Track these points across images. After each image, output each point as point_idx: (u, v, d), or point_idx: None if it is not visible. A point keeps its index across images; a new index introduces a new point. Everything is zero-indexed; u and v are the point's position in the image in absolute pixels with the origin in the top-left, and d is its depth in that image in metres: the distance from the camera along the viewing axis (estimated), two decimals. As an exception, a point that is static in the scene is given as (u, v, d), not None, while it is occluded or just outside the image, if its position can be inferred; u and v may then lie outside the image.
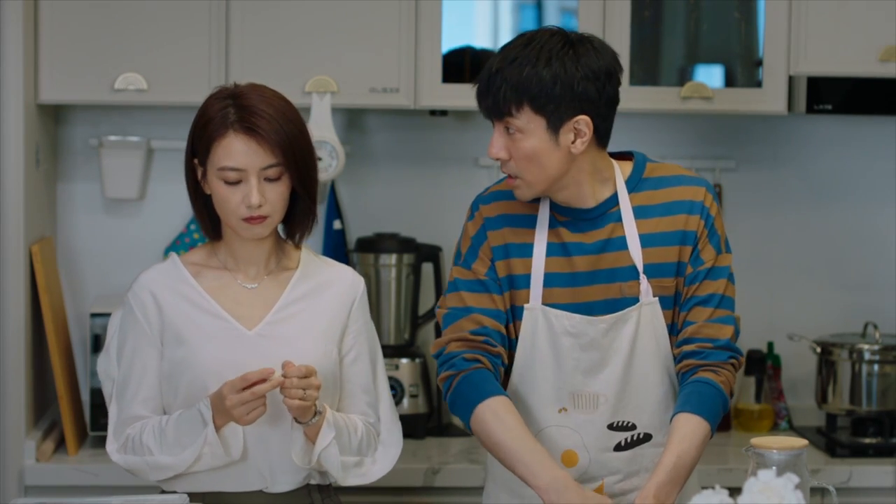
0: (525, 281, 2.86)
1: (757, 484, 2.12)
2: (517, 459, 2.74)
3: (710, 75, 4.07)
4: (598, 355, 2.84)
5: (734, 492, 2.16)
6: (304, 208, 2.92)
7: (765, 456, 2.62)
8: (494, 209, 2.91)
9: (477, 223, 2.92)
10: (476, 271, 2.88)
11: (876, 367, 3.98)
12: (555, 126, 2.75)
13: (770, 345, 4.21)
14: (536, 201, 2.88)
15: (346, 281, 2.98)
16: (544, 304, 2.85)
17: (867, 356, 3.99)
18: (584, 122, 2.76)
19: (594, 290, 2.84)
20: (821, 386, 4.06)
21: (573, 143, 2.77)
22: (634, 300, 2.84)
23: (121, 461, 2.88)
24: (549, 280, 2.85)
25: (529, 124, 2.75)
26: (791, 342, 4.14)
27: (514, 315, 2.88)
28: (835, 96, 3.89)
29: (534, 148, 2.77)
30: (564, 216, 2.86)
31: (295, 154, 2.84)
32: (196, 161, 2.85)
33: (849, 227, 4.27)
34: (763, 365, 4.17)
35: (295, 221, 2.93)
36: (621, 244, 2.84)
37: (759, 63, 3.95)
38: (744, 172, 4.24)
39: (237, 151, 2.79)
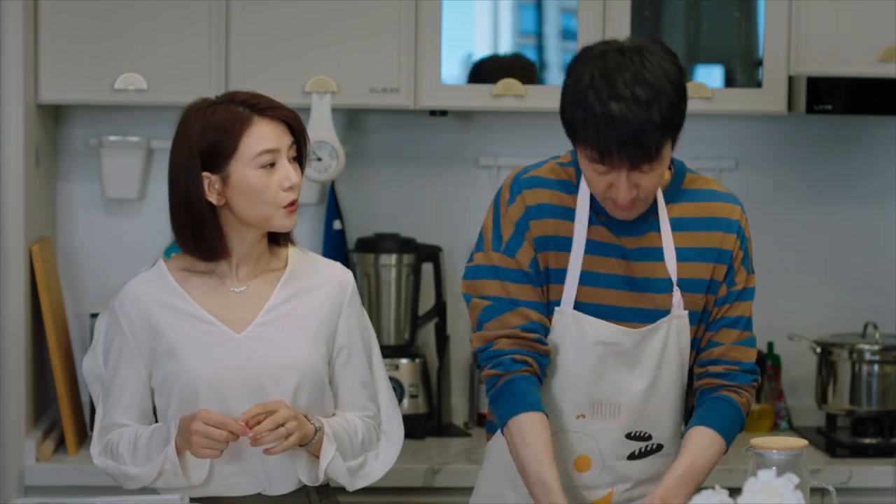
0: (559, 276, 2.80)
1: (757, 484, 2.12)
2: (530, 480, 2.73)
3: (710, 75, 4.07)
4: (628, 365, 2.81)
5: (734, 492, 2.16)
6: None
7: (765, 456, 2.62)
8: (537, 196, 2.81)
9: (520, 208, 2.81)
10: (520, 262, 2.79)
11: (876, 367, 3.98)
12: (675, 139, 2.70)
13: (770, 345, 4.21)
14: (575, 193, 2.80)
15: (335, 279, 2.95)
16: (578, 301, 2.79)
17: (867, 356, 3.99)
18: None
19: (629, 296, 2.80)
20: (821, 386, 4.06)
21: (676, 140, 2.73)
22: (666, 312, 2.81)
23: (100, 464, 2.91)
24: (586, 278, 2.79)
25: (666, 151, 2.68)
26: (791, 342, 4.13)
27: (548, 310, 2.83)
28: (835, 96, 3.88)
29: (664, 170, 2.72)
30: (604, 216, 2.80)
31: (303, 138, 2.88)
32: (207, 174, 2.79)
33: (849, 227, 4.27)
34: (763, 365, 4.17)
35: None
36: (658, 255, 2.80)
37: (759, 63, 3.95)
38: (744, 172, 4.24)
39: (268, 135, 2.80)
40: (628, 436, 2.84)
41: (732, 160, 4.24)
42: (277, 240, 2.93)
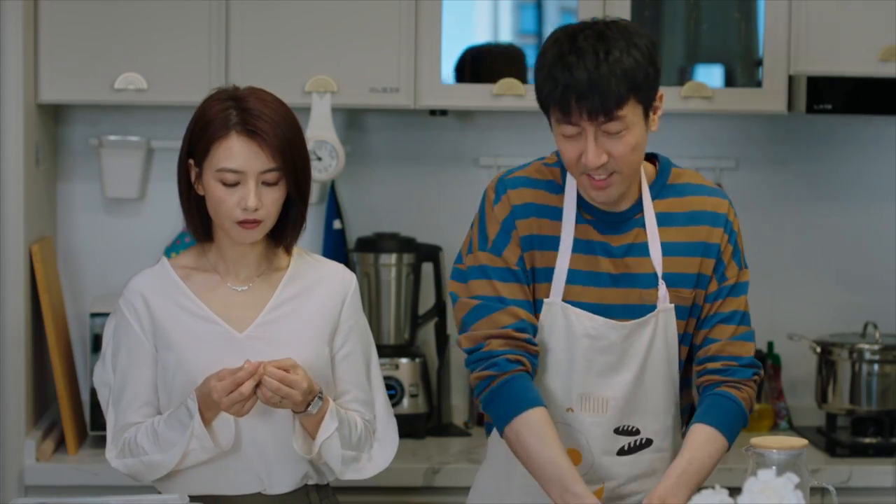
0: (545, 275, 2.80)
1: (757, 484, 2.12)
2: (548, 475, 2.70)
3: (710, 75, 4.07)
4: (614, 359, 2.81)
5: (734, 492, 2.16)
6: (297, 214, 2.89)
7: (765, 456, 2.62)
8: (522, 196, 2.82)
9: (505, 207, 2.82)
10: (507, 260, 2.80)
11: (876, 367, 3.98)
12: (647, 110, 2.70)
13: (770, 345, 4.21)
14: (561, 192, 2.81)
15: (336, 279, 2.96)
16: (564, 300, 2.80)
17: (867, 356, 3.99)
18: (660, 96, 2.73)
19: (615, 293, 2.80)
20: (821, 386, 4.06)
21: (653, 120, 2.72)
22: (652, 307, 2.81)
23: (120, 466, 2.88)
24: (572, 277, 2.80)
25: (633, 116, 2.67)
26: (791, 342, 4.13)
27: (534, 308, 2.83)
28: (835, 96, 3.88)
29: (637, 139, 2.69)
30: (590, 215, 2.81)
31: (294, 160, 2.82)
32: (192, 162, 2.84)
33: (849, 227, 4.27)
34: (763, 365, 4.17)
35: (286, 227, 2.89)
36: (643, 251, 2.80)
37: (759, 63, 3.95)
38: (744, 172, 4.24)
39: (238, 153, 2.78)
40: (616, 431, 2.84)
41: (732, 160, 4.24)
42: (278, 240, 2.93)
